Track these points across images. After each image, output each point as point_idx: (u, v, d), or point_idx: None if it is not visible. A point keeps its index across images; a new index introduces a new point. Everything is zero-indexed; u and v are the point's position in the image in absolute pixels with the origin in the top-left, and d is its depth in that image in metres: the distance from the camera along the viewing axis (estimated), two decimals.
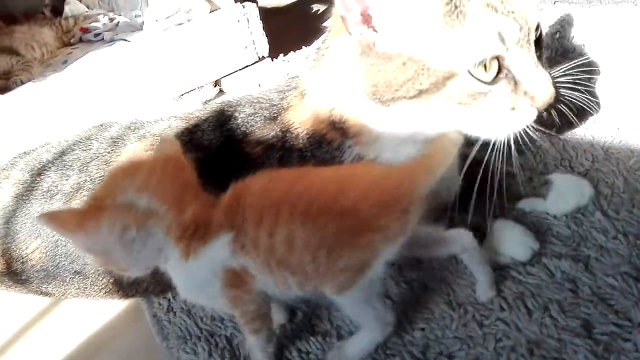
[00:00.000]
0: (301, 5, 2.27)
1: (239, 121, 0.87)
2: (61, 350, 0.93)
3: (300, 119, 0.84)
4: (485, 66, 0.69)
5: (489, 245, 0.84)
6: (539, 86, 0.72)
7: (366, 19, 0.73)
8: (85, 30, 1.93)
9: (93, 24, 1.94)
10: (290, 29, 1.75)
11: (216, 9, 1.61)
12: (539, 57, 0.74)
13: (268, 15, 1.70)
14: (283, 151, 0.83)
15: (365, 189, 0.66)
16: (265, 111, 0.88)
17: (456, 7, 0.68)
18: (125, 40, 1.77)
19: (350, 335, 0.79)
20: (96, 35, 1.89)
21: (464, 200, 0.81)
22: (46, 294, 0.97)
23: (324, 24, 0.87)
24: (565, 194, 0.90)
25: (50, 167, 0.94)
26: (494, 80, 0.70)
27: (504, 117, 0.73)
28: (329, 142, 0.81)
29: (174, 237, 0.63)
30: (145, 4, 1.75)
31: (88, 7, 2.13)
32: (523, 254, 0.83)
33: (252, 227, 0.64)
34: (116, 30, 1.87)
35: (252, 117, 0.87)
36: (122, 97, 1.52)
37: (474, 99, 0.71)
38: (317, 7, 2.15)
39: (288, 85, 0.91)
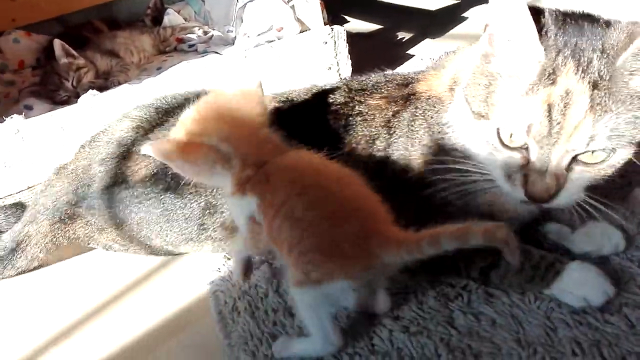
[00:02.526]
0: (386, 32, 2.30)
1: (370, 84, 1.03)
2: (125, 336, 0.98)
3: (427, 88, 0.97)
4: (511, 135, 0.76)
5: (562, 286, 0.82)
6: (535, 179, 0.75)
7: (490, 39, 0.80)
8: (181, 41, 2.05)
9: (188, 35, 2.05)
10: (374, 54, 1.78)
11: (306, 30, 1.67)
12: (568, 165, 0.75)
13: (354, 40, 1.74)
14: (400, 106, 0.97)
15: (366, 205, 0.74)
16: (398, 80, 1.03)
17: (533, 88, 0.73)
18: (217, 53, 1.86)
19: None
20: (190, 46, 2.01)
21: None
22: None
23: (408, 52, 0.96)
24: (591, 235, 0.90)
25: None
26: (511, 148, 0.77)
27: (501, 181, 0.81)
28: (442, 102, 0.92)
29: (233, 180, 0.80)
30: (240, 20, 1.84)
31: (185, 19, 2.26)
32: (596, 298, 0.80)
33: (269, 197, 0.76)
34: (209, 43, 1.97)
35: (384, 83, 1.03)
36: None
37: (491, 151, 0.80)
38: (403, 35, 2.18)
39: (427, 68, 1.06)
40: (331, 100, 1.02)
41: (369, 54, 1.92)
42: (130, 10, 2.31)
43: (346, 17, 2.59)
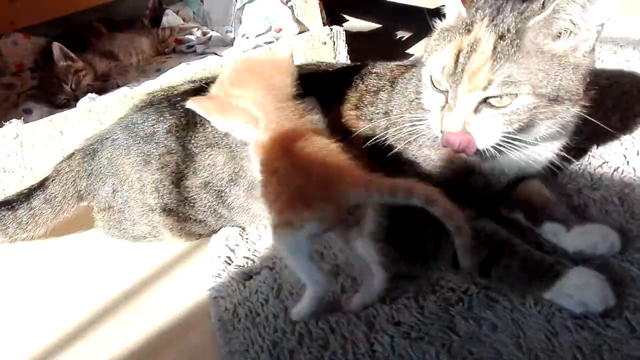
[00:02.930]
0: (385, 31, 2.30)
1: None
2: (123, 343, 0.97)
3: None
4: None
5: (562, 289, 0.82)
6: (447, 115, 0.87)
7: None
8: (179, 42, 2.04)
9: (187, 36, 2.05)
10: (374, 52, 1.77)
11: (305, 30, 1.66)
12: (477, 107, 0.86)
13: (354, 39, 1.74)
14: (407, 69, 1.12)
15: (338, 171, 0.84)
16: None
17: (453, 37, 0.89)
18: (216, 54, 1.86)
19: None
20: (189, 47, 2.00)
21: None
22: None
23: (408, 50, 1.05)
24: (586, 234, 0.91)
25: None
26: (439, 90, 0.91)
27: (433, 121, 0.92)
28: None
29: (255, 141, 0.93)
30: (238, 21, 1.83)
31: (184, 19, 2.25)
32: (596, 305, 0.80)
33: (263, 159, 0.90)
34: (208, 44, 1.97)
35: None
36: None
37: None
38: (402, 34, 2.17)
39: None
40: (356, 69, 1.17)
41: (369, 53, 1.91)
42: (129, 11, 2.29)
43: (345, 16, 2.58)
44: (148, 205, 1.15)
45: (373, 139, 1.00)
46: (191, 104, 0.95)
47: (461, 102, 0.86)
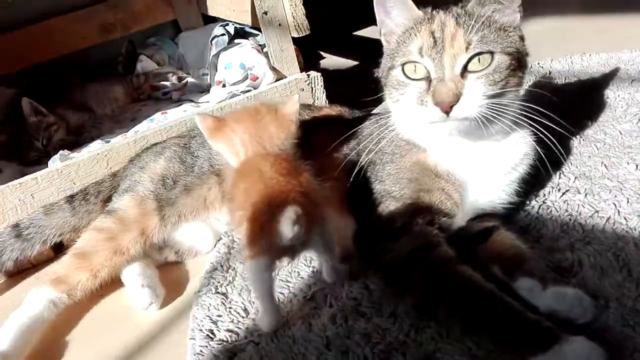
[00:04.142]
0: (362, 67, 2.28)
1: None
2: None
3: None
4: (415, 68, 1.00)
5: (559, 355, 0.77)
6: (438, 87, 0.95)
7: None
8: (155, 88, 2.00)
9: (162, 83, 2.00)
10: (351, 89, 1.75)
11: (282, 78, 1.63)
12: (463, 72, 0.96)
13: (331, 77, 1.72)
14: None
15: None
16: None
17: (418, 28, 1.01)
18: (193, 101, 1.82)
19: None
20: (164, 93, 1.96)
21: None
22: None
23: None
24: (562, 295, 0.87)
25: None
26: (416, 79, 0.99)
27: (416, 111, 1.00)
28: None
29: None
30: (214, 68, 1.80)
31: (159, 64, 2.21)
32: None
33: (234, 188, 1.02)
34: (184, 90, 1.93)
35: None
36: None
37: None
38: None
39: None
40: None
41: (346, 90, 1.89)
42: (101, 57, 2.25)
43: (322, 52, 2.57)
44: None
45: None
46: (196, 117, 1.09)
47: (449, 68, 0.96)
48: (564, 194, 1.16)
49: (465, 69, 0.96)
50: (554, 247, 1.02)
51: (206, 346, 0.99)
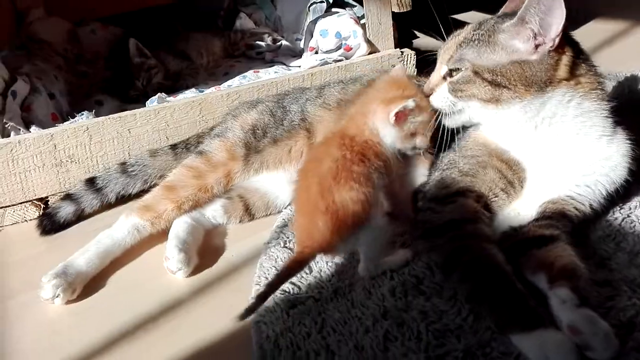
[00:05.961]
0: None
1: None
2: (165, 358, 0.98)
3: None
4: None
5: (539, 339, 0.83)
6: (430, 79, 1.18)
7: None
8: (250, 47, 2.07)
9: (257, 42, 2.06)
10: None
11: (375, 51, 1.64)
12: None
13: (425, 57, 1.70)
14: None
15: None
16: None
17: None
18: (284, 64, 1.86)
19: None
20: (258, 53, 2.02)
21: None
22: None
23: None
24: (593, 321, 0.85)
25: None
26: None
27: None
28: None
29: None
30: (309, 34, 1.83)
31: (256, 23, 2.27)
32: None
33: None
34: (277, 53, 1.98)
35: None
36: None
37: None
38: None
39: None
40: None
41: None
42: (206, 9, 2.34)
43: (416, 32, 2.53)
44: None
45: None
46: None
47: (436, 71, 1.16)
48: None
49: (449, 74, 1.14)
50: (633, 262, 0.99)
51: None
